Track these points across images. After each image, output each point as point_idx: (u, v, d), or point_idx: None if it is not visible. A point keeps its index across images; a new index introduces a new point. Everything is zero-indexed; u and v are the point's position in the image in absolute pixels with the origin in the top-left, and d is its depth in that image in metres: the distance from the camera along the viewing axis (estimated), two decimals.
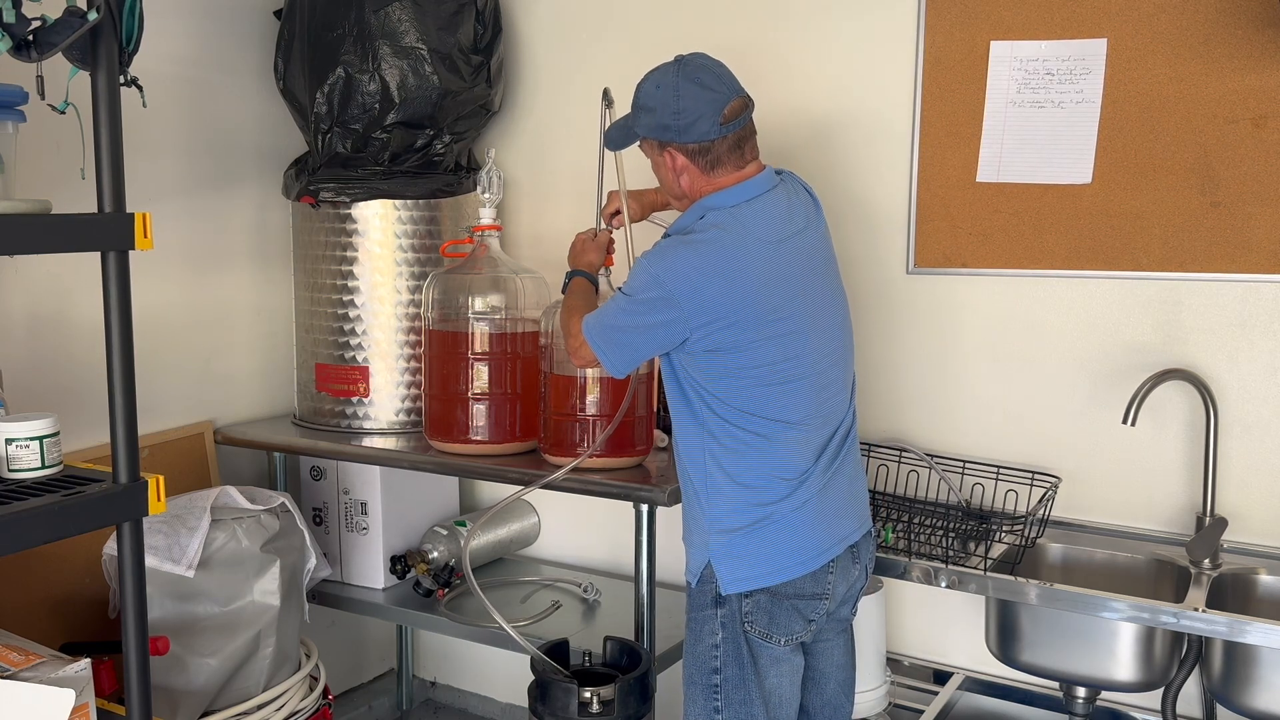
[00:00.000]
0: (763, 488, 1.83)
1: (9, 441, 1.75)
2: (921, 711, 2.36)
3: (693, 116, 1.83)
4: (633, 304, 1.82)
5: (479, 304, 2.46)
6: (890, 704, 2.44)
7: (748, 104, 1.88)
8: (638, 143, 1.97)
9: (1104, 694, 2.26)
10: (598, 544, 2.97)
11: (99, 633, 2.34)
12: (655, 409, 2.42)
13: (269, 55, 2.77)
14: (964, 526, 2.24)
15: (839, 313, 1.96)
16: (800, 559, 1.84)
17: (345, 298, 2.68)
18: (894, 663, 2.54)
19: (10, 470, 1.75)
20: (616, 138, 2.01)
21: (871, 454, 2.48)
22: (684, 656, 1.95)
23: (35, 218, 1.63)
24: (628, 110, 1.98)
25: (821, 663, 2.00)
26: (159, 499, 1.75)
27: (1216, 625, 1.87)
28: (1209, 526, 2.17)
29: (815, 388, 1.86)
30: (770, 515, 1.83)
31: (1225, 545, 2.20)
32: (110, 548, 2.20)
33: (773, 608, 1.84)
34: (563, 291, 2.14)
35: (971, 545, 2.21)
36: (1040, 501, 2.23)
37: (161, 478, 1.76)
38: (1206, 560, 2.12)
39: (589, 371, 2.29)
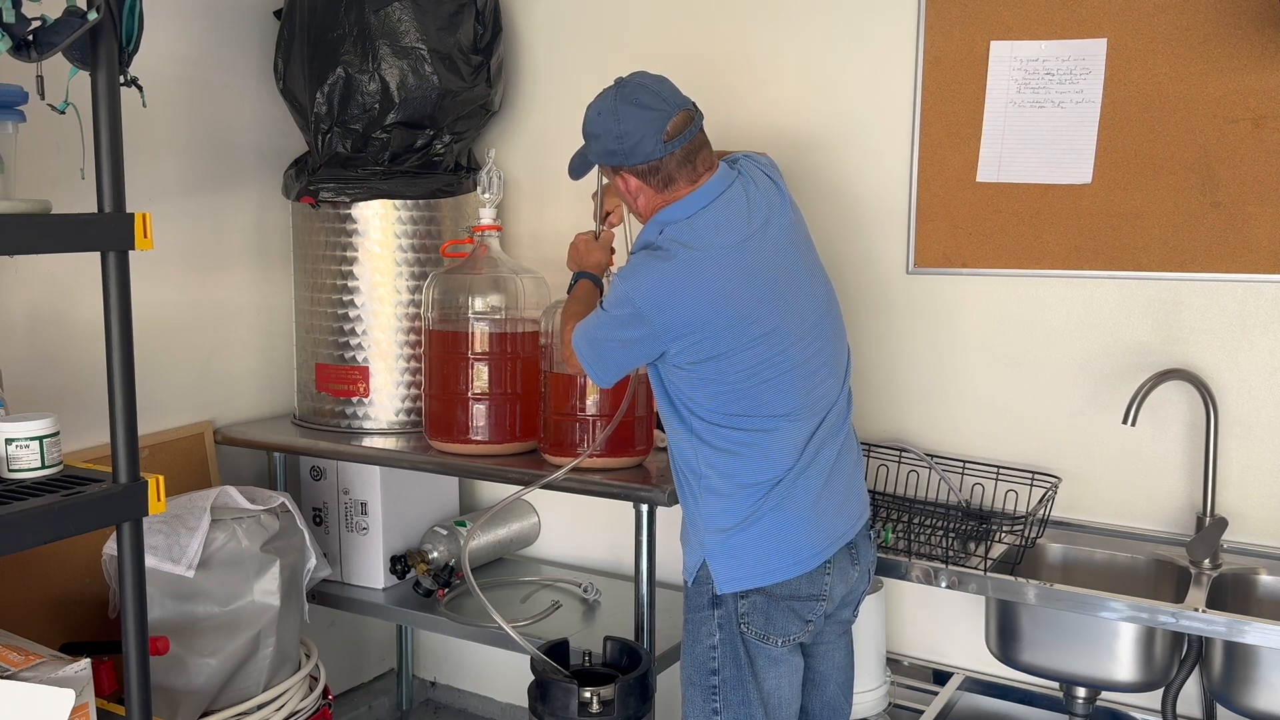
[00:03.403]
0: (754, 486, 1.82)
1: (9, 441, 1.75)
2: (921, 711, 2.36)
3: (635, 139, 1.82)
4: (609, 319, 1.84)
5: (479, 304, 2.46)
6: (890, 704, 2.44)
7: (694, 116, 1.87)
8: (583, 176, 2.01)
9: (1104, 694, 2.26)
10: (598, 544, 2.97)
11: (99, 633, 2.34)
12: (655, 409, 2.42)
13: (269, 55, 2.77)
14: (964, 526, 2.24)
15: (820, 297, 1.93)
16: (795, 559, 1.83)
17: (345, 298, 2.68)
18: (894, 663, 2.55)
19: (10, 470, 1.75)
20: (577, 165, 2.03)
21: (871, 454, 2.48)
22: (682, 657, 1.95)
23: (35, 218, 1.63)
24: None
25: (822, 664, 2.00)
26: (159, 499, 1.75)
27: (1216, 625, 1.87)
28: (1209, 526, 2.17)
29: (802, 377, 1.85)
30: (761, 513, 1.82)
31: (1225, 545, 2.20)
32: (110, 548, 2.20)
33: (769, 608, 1.84)
34: (568, 293, 2.13)
35: (971, 545, 2.21)
36: (1040, 501, 2.23)
37: (161, 478, 1.76)
38: (1206, 560, 2.11)
39: None
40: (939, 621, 2.53)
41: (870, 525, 2.02)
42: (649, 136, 1.82)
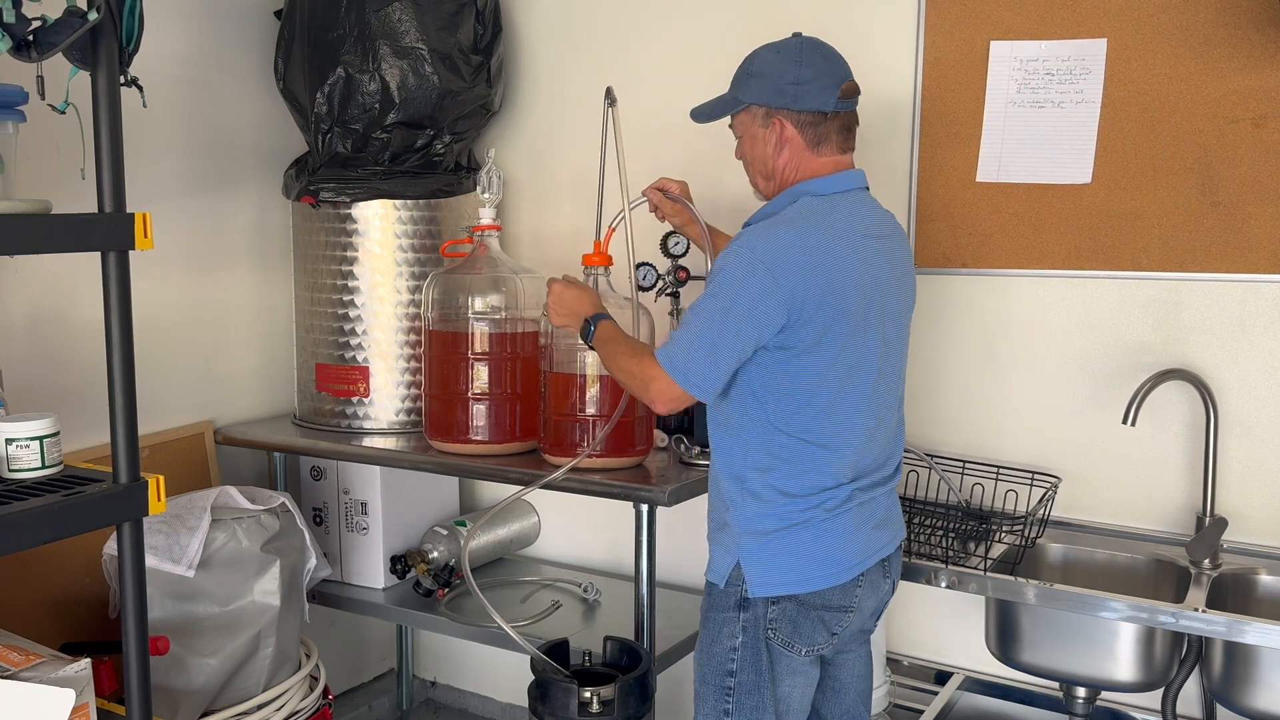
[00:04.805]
0: (801, 495, 1.77)
1: (9, 441, 1.75)
2: (921, 711, 2.36)
3: (812, 84, 1.79)
4: (720, 299, 1.70)
5: (479, 304, 2.46)
6: (890, 704, 2.44)
7: (858, 91, 1.85)
8: (728, 121, 1.91)
9: (1104, 694, 2.26)
10: (598, 544, 2.97)
11: (99, 633, 2.34)
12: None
13: (269, 55, 2.77)
14: (964, 526, 2.24)
15: (904, 337, 1.90)
16: (832, 570, 1.79)
17: (345, 298, 2.68)
18: (894, 663, 2.55)
19: (10, 470, 1.75)
20: (707, 110, 1.93)
21: None
22: (697, 654, 1.91)
23: (35, 218, 1.63)
24: (628, 109, 1.96)
25: (842, 673, 1.98)
26: (159, 499, 1.75)
27: (1215, 625, 1.87)
28: (1209, 526, 2.17)
29: (877, 397, 1.81)
30: (805, 521, 1.77)
31: (1225, 545, 2.20)
32: (110, 548, 2.20)
33: (798, 617, 1.80)
34: (587, 341, 1.99)
35: (971, 545, 2.21)
36: (1040, 501, 2.23)
37: (161, 478, 1.76)
38: (1206, 560, 2.12)
39: (589, 371, 2.28)
40: (939, 621, 2.53)
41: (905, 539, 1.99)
42: (827, 87, 1.79)
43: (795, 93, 1.79)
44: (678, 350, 1.75)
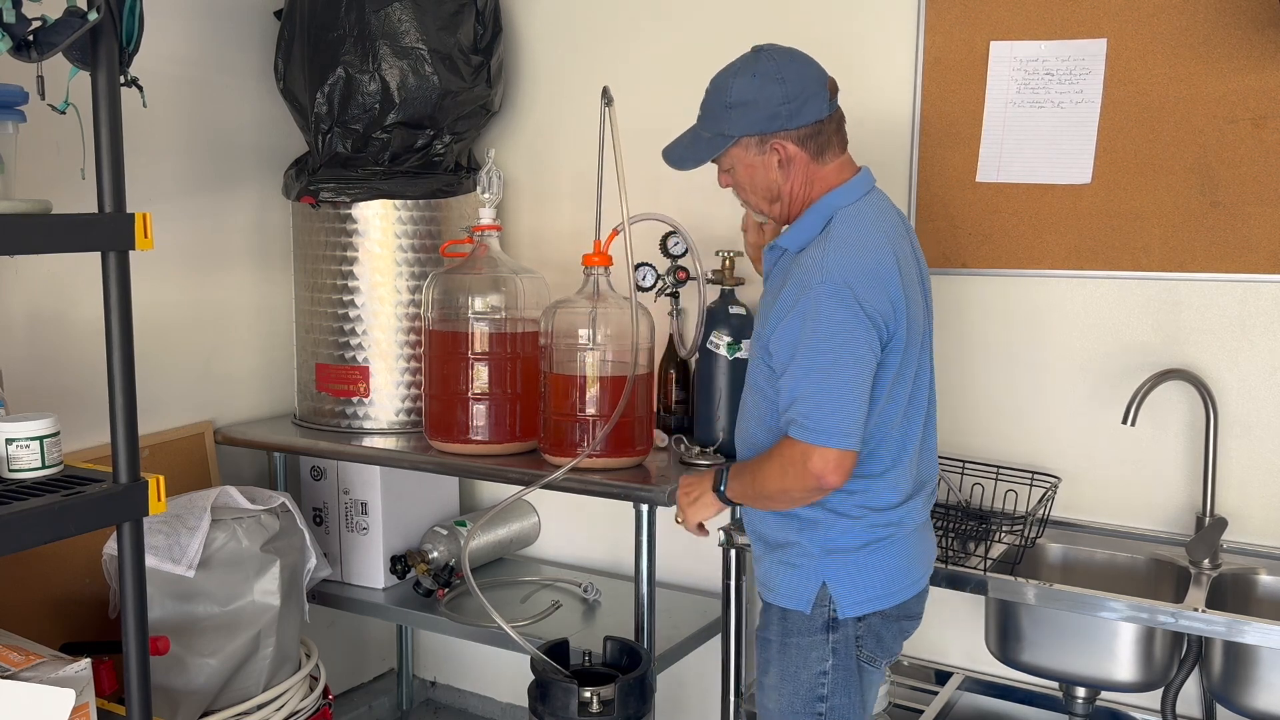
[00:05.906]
0: (884, 509, 1.75)
1: (9, 441, 1.75)
2: (921, 711, 2.36)
3: (803, 96, 1.71)
4: (827, 340, 1.61)
5: (479, 304, 2.46)
6: (890, 704, 2.44)
7: (837, 85, 1.79)
8: (715, 157, 1.80)
9: (1104, 694, 2.26)
10: (598, 544, 2.97)
11: (99, 633, 2.34)
12: (655, 409, 2.42)
13: (269, 55, 2.77)
14: (964, 526, 2.24)
15: (931, 333, 1.88)
16: (911, 579, 1.80)
17: (345, 298, 2.68)
18: (894, 662, 2.54)
19: (10, 470, 1.75)
20: (689, 155, 1.82)
21: None
22: (773, 685, 1.82)
23: (35, 218, 1.63)
24: (628, 109, 1.96)
25: None
26: (159, 499, 1.75)
27: (1215, 625, 1.87)
28: (1209, 526, 2.17)
29: (928, 405, 1.81)
30: (892, 536, 1.75)
31: (1225, 545, 2.20)
32: (110, 548, 2.20)
33: (882, 630, 1.78)
34: (725, 500, 1.84)
35: (971, 545, 2.21)
36: (1040, 501, 2.23)
37: (161, 478, 1.76)
38: (1206, 560, 2.11)
39: (589, 371, 2.28)
40: (939, 621, 2.53)
41: None
42: (818, 93, 1.72)
43: (788, 111, 1.71)
44: (809, 415, 1.63)
